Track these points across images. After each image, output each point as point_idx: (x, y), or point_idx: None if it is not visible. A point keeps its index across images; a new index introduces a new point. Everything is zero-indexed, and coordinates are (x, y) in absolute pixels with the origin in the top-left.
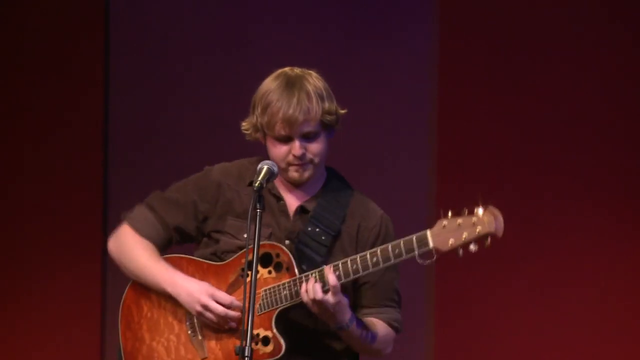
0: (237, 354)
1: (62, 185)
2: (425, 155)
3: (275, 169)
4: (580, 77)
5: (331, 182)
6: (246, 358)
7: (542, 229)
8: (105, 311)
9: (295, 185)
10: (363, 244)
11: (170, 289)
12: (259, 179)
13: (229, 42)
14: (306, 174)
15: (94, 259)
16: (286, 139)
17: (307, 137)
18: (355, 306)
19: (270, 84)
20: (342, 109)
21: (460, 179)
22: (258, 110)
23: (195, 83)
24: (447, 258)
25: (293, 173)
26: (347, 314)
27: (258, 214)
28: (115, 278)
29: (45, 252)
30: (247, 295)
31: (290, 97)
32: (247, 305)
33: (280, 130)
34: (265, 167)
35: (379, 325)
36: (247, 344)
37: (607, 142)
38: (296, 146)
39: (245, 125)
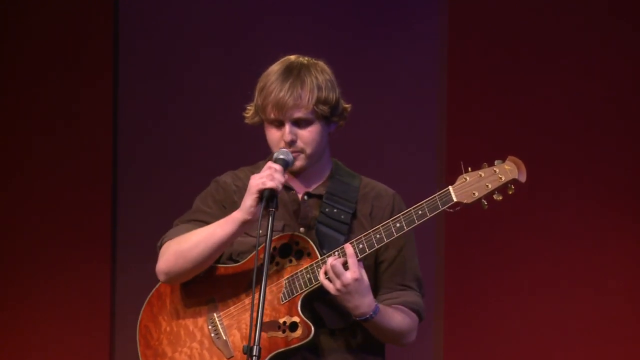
0: (244, 353)
1: (71, 183)
2: (434, 153)
3: (290, 157)
4: (590, 76)
5: (338, 170)
6: (254, 358)
7: (551, 228)
8: (115, 310)
9: (301, 174)
10: (378, 222)
11: (238, 215)
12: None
13: (238, 41)
14: (298, 163)
15: (103, 258)
16: (278, 124)
17: (299, 124)
18: (374, 290)
19: (272, 68)
20: (347, 104)
21: None
22: (257, 93)
23: (203, 81)
24: (456, 262)
25: None
26: (369, 297)
27: (271, 213)
28: (125, 277)
29: (54, 251)
30: (258, 294)
31: (285, 81)
32: (256, 303)
33: (270, 113)
34: (281, 156)
35: (402, 312)
36: (256, 343)
37: (617, 141)
38: (286, 131)
39: (248, 108)
